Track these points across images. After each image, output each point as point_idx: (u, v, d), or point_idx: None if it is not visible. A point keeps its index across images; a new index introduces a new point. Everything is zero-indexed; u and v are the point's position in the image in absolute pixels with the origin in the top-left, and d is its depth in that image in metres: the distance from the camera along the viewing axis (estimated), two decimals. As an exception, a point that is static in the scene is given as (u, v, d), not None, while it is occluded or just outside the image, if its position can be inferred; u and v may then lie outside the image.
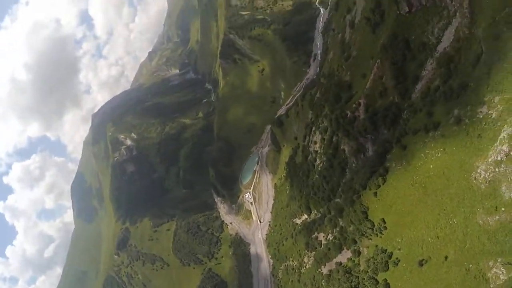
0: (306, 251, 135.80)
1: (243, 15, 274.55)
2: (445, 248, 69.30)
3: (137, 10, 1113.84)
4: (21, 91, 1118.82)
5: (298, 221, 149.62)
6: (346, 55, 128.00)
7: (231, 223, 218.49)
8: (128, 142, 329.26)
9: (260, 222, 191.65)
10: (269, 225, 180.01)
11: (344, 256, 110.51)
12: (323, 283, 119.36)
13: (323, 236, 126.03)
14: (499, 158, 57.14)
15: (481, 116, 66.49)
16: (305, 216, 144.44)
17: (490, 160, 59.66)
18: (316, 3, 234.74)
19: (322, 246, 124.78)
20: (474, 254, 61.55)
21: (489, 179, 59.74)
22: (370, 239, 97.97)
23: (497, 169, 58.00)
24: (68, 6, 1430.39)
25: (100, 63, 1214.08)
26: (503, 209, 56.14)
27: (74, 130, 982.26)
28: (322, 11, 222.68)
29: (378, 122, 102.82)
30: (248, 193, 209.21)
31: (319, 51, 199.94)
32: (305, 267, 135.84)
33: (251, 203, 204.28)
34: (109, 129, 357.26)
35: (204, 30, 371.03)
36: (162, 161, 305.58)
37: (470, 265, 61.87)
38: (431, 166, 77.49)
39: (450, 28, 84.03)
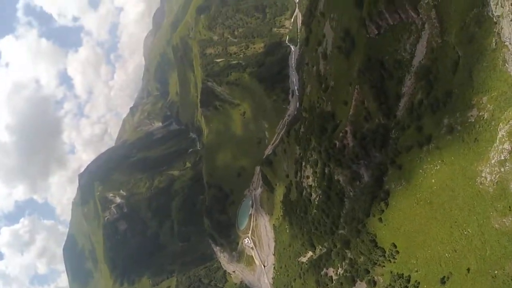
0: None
1: (218, 62, 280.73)
2: (465, 260, 66.02)
3: (115, 68, 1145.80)
4: (4, 153, 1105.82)
5: (304, 259, 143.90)
6: (324, 86, 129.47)
7: (234, 271, 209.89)
8: (118, 200, 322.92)
9: (264, 266, 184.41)
10: (274, 268, 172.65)
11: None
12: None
13: (333, 271, 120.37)
14: (502, 158, 55.14)
15: (473, 120, 65.06)
16: (310, 253, 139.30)
17: (493, 161, 57.59)
18: (286, 41, 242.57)
19: (334, 282, 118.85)
20: (497, 260, 58.57)
21: (496, 181, 57.38)
22: (384, 266, 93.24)
23: (502, 169, 55.82)
24: (47, 66, 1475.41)
25: (82, 122, 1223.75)
26: None
27: (62, 192, 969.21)
28: (293, 48, 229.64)
29: (368, 146, 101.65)
30: (247, 238, 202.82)
31: (296, 87, 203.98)
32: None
33: (251, 248, 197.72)
34: (97, 188, 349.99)
35: (182, 81, 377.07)
36: (154, 216, 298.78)
37: (496, 271, 58.64)
38: (433, 180, 75.21)
39: (421, 41, 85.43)
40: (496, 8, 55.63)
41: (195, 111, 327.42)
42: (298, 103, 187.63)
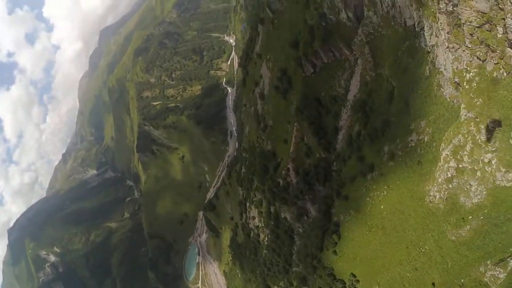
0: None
1: (155, 105, 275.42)
2: (428, 276, 65.39)
3: (47, 109, 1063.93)
4: None
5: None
6: (263, 125, 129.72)
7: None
8: (52, 258, 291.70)
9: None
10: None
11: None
12: None
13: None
14: (449, 175, 56.23)
15: (414, 144, 66.56)
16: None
17: (440, 180, 58.78)
18: (223, 83, 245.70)
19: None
20: (460, 269, 58.62)
21: (445, 197, 58.42)
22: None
23: (450, 185, 56.91)
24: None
25: (11, 169, 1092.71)
26: (470, 217, 54.51)
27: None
28: (230, 90, 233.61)
29: (311, 181, 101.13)
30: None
31: (234, 128, 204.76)
32: None
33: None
34: (28, 245, 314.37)
35: (118, 125, 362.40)
36: (93, 275, 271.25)
37: (462, 280, 58.14)
38: (382, 206, 75.51)
39: (355, 76, 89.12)
40: (430, 38, 58.88)
41: (132, 156, 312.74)
42: (237, 144, 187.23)
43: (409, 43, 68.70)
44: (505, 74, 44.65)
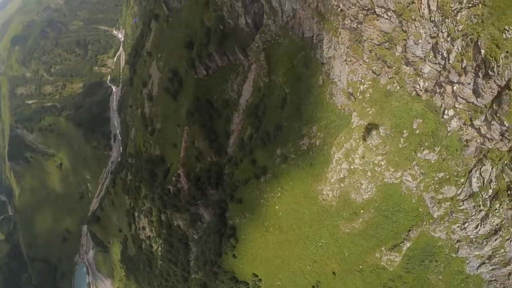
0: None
1: (30, 104, 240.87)
2: (327, 266, 69.38)
3: None
4: None
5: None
6: (151, 129, 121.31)
7: None
8: None
9: None
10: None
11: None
12: None
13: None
14: (341, 176, 60.07)
15: (305, 147, 69.18)
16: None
17: (332, 180, 62.34)
18: (108, 81, 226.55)
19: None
20: (357, 257, 63.30)
21: (338, 195, 62.38)
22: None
23: (342, 184, 60.86)
24: None
25: None
26: (361, 211, 59.43)
27: None
28: (114, 89, 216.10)
29: (203, 186, 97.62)
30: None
31: (118, 131, 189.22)
32: None
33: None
34: None
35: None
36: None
37: (360, 266, 63.41)
38: (277, 207, 77.03)
39: (248, 81, 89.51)
40: (328, 50, 61.21)
41: (2, 166, 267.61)
42: (121, 149, 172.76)
43: (305, 53, 71.18)
44: (398, 87, 49.82)
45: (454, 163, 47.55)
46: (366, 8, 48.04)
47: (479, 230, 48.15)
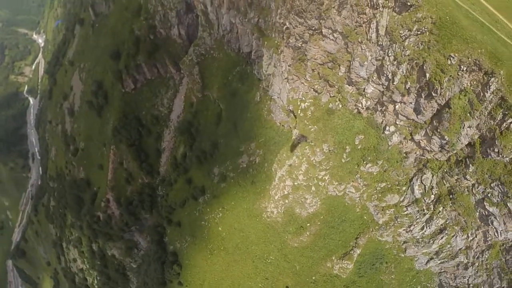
0: None
1: None
2: (280, 282, 68.36)
3: None
4: None
5: None
6: (73, 148, 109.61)
7: None
8: None
9: None
10: None
11: None
12: None
13: None
14: (285, 192, 60.19)
15: (245, 165, 66.95)
16: None
17: (276, 197, 62.09)
18: (24, 92, 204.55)
19: None
20: (309, 269, 63.23)
21: (282, 211, 62.36)
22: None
23: (286, 201, 60.92)
24: None
25: None
26: (308, 224, 60.14)
27: None
28: (32, 101, 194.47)
29: (136, 210, 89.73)
30: None
31: (36, 149, 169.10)
32: None
33: None
34: None
35: None
36: None
37: (314, 278, 63.63)
38: (220, 228, 73.62)
39: (179, 96, 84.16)
40: (268, 67, 59.17)
41: None
42: (41, 170, 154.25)
43: (241, 68, 69.11)
44: (340, 105, 50.83)
45: (395, 173, 50.69)
46: (313, 28, 47.28)
47: (425, 231, 51.69)
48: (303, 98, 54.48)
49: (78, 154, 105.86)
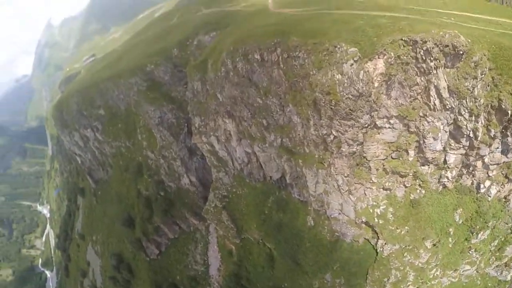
0: None
1: None
2: None
3: None
4: None
5: None
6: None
7: None
8: None
9: None
10: None
11: None
12: None
13: None
14: None
15: None
16: None
17: None
18: (39, 265, 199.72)
19: None
20: None
21: None
22: None
23: None
24: None
25: None
26: None
27: None
28: (49, 274, 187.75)
29: None
30: None
31: None
32: None
33: None
34: None
35: None
36: None
37: None
38: None
39: (211, 247, 75.68)
40: (315, 186, 50.62)
41: None
42: None
43: (275, 197, 60.73)
44: (423, 191, 45.78)
45: (503, 223, 46.63)
46: (366, 125, 41.58)
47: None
48: (375, 203, 47.99)
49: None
